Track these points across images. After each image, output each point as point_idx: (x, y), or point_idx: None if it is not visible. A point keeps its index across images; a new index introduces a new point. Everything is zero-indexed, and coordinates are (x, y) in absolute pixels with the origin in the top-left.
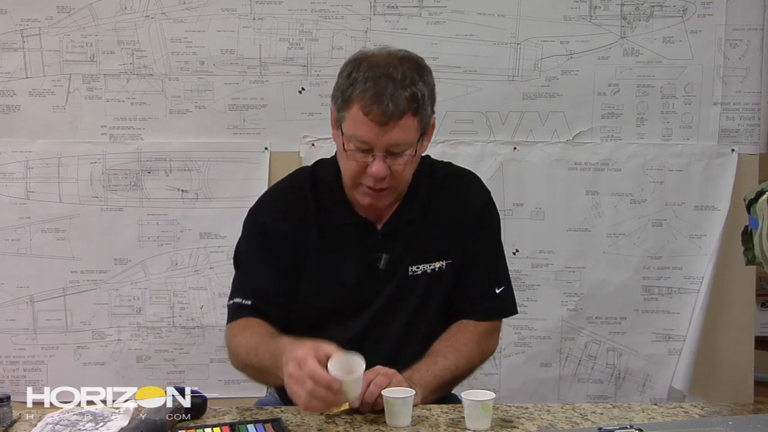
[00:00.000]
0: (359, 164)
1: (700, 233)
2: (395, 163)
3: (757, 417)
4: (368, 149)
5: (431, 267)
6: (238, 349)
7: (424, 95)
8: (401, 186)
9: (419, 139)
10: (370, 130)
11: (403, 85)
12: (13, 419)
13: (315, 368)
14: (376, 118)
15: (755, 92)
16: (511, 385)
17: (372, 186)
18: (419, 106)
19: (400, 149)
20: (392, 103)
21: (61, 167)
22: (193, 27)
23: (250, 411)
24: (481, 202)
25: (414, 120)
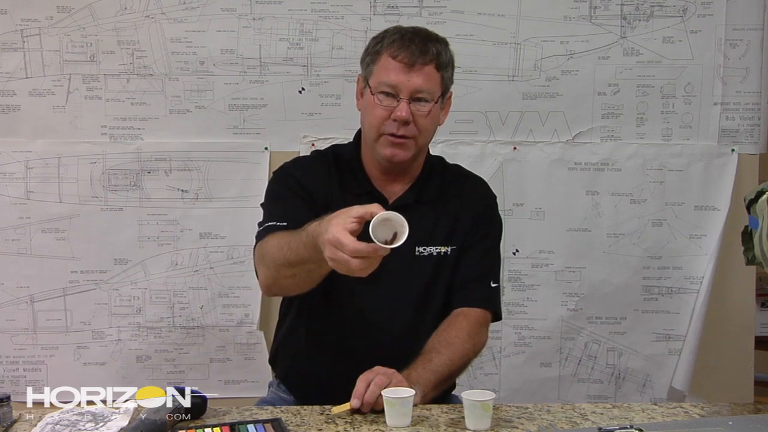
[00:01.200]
0: (385, 110)
1: (700, 233)
2: (418, 110)
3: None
4: (394, 94)
5: (437, 250)
6: (269, 251)
7: (446, 55)
8: (421, 139)
9: (440, 99)
10: (398, 72)
11: (429, 40)
12: (13, 419)
13: (354, 245)
14: (404, 60)
15: (755, 92)
16: (511, 385)
17: (395, 132)
18: (442, 62)
19: (423, 96)
20: (419, 49)
21: (61, 167)
22: (193, 27)
23: (250, 411)
24: (488, 200)
25: (437, 73)
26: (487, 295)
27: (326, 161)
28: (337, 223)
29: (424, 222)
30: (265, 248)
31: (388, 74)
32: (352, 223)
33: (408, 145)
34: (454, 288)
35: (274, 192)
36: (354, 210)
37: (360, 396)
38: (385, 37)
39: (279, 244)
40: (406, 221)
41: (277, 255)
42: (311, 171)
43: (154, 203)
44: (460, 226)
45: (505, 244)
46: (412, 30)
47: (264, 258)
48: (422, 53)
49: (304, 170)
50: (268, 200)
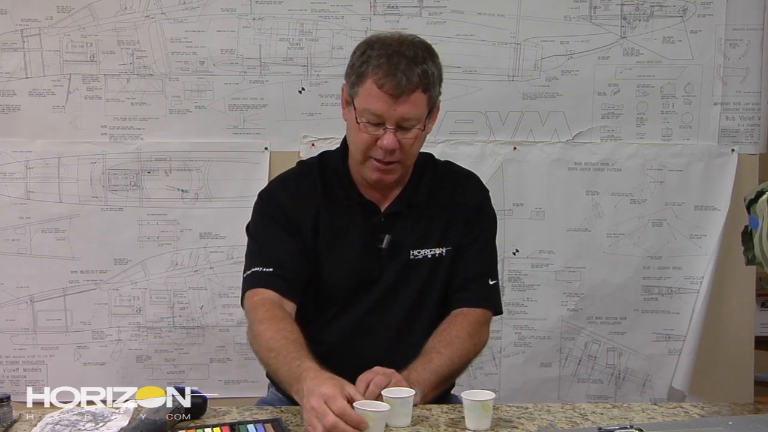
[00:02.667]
0: (370, 137)
1: (700, 233)
2: (405, 137)
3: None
4: (380, 122)
5: (432, 252)
6: (259, 339)
7: (434, 73)
8: (408, 161)
9: (427, 117)
10: (383, 102)
11: (415, 62)
12: (13, 419)
13: (344, 407)
14: (389, 91)
15: (755, 92)
16: (511, 385)
17: (381, 159)
18: (429, 84)
19: (410, 123)
20: (405, 78)
21: (61, 167)
22: (193, 27)
23: (250, 411)
24: (480, 197)
25: (424, 96)
26: (486, 294)
27: (313, 174)
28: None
29: (417, 226)
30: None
31: (373, 103)
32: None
33: (395, 170)
34: (452, 288)
35: (258, 225)
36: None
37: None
38: (371, 57)
39: (269, 344)
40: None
41: (264, 354)
42: (296, 191)
43: (154, 203)
44: (453, 225)
45: (505, 244)
46: (398, 48)
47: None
48: (408, 81)
49: (287, 193)
50: (252, 234)
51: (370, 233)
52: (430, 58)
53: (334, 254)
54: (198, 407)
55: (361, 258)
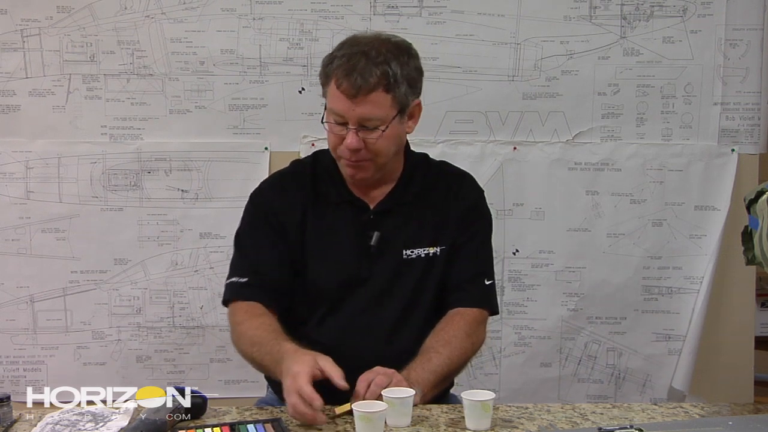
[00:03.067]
0: (337, 137)
1: (700, 233)
2: (368, 137)
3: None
4: (343, 122)
5: (425, 251)
6: (242, 338)
7: (396, 74)
8: (380, 159)
9: (397, 117)
10: (342, 102)
11: (375, 62)
12: (13, 419)
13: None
14: (346, 91)
15: (755, 92)
16: (511, 385)
17: (348, 158)
18: (391, 84)
19: (372, 123)
20: (361, 78)
21: (61, 167)
22: (193, 27)
23: (250, 411)
24: (474, 196)
25: (386, 96)
26: (482, 294)
27: (304, 172)
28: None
29: (409, 224)
30: (240, 330)
31: (335, 103)
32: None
33: (365, 167)
34: (448, 289)
35: (243, 231)
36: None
37: (360, 397)
38: (336, 58)
39: (252, 339)
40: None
41: (249, 349)
42: (285, 190)
43: (154, 203)
44: (447, 225)
45: (505, 244)
46: (364, 47)
47: (238, 337)
48: (365, 81)
49: (275, 192)
50: (235, 242)
51: (359, 231)
52: (395, 58)
53: (323, 252)
54: (198, 407)
55: (350, 256)
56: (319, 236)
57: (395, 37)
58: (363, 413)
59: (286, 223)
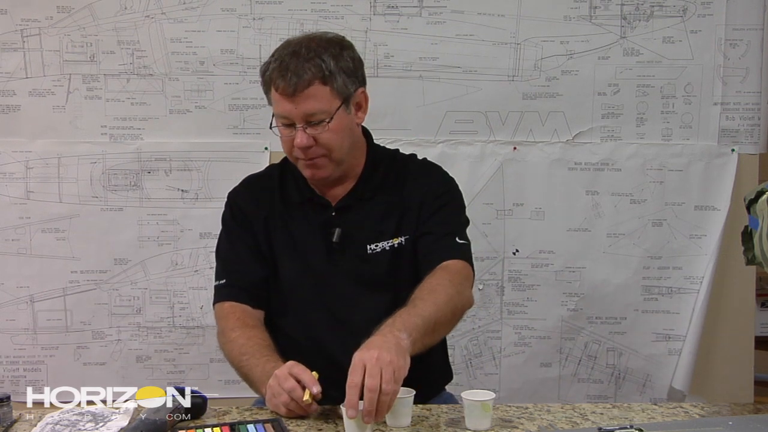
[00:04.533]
0: (289, 139)
1: (700, 233)
2: (317, 133)
3: (757, 417)
4: (290, 123)
5: (390, 244)
6: (233, 345)
7: (329, 66)
8: (334, 154)
9: (341, 108)
10: (284, 103)
11: (306, 59)
12: (13, 419)
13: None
14: (285, 91)
15: (755, 92)
16: (511, 385)
17: (303, 157)
18: (326, 76)
19: (317, 118)
20: (295, 76)
21: (61, 167)
22: (193, 27)
23: (250, 411)
24: (440, 183)
25: (324, 89)
26: (456, 248)
27: (273, 174)
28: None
29: (371, 219)
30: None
31: (278, 106)
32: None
33: (322, 164)
34: (421, 257)
35: (220, 238)
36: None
37: (354, 406)
38: (270, 64)
39: (242, 350)
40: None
41: (237, 358)
42: (255, 192)
43: (154, 203)
44: (409, 214)
45: (505, 244)
46: (295, 47)
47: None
48: (299, 78)
49: (245, 195)
50: (219, 240)
51: (322, 229)
52: (326, 51)
53: (290, 252)
54: (198, 407)
55: (315, 254)
56: (286, 236)
57: (328, 33)
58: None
59: (254, 223)
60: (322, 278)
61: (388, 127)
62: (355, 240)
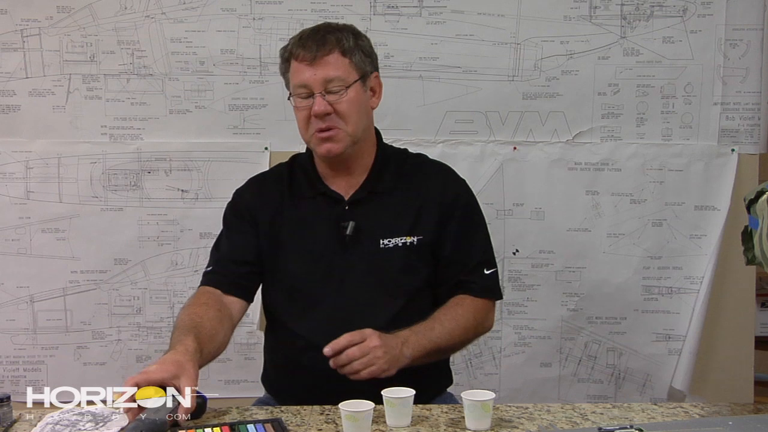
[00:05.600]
0: (306, 111)
1: (700, 233)
2: (335, 101)
3: (757, 417)
4: (309, 94)
5: (402, 241)
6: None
7: (349, 41)
8: (349, 126)
9: (358, 82)
10: (303, 71)
11: (328, 31)
12: (13, 419)
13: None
14: (305, 58)
15: (755, 92)
16: (511, 385)
17: (321, 127)
18: (346, 48)
19: (335, 85)
20: (315, 43)
21: (61, 167)
22: (193, 27)
23: (250, 411)
24: (456, 187)
25: (344, 59)
26: (485, 285)
27: (282, 172)
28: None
29: (385, 214)
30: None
31: (297, 75)
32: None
33: (338, 137)
34: (448, 284)
35: (220, 232)
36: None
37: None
38: (290, 45)
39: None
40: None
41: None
42: (263, 189)
43: (154, 203)
44: (425, 215)
45: (505, 244)
46: (313, 28)
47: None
48: (321, 45)
49: (253, 191)
50: (219, 234)
51: (334, 222)
52: (347, 30)
53: (299, 246)
54: (198, 407)
55: (326, 247)
56: (296, 230)
57: (345, 24)
58: (349, 413)
59: (258, 218)
60: (333, 273)
61: (388, 127)
62: (367, 234)
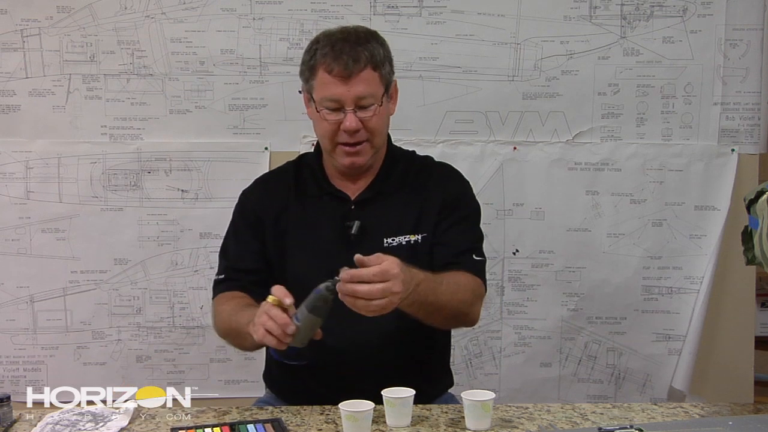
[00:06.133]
0: (333, 124)
1: (700, 233)
2: (365, 116)
3: (757, 417)
4: (338, 107)
5: (407, 239)
6: (221, 314)
7: (380, 53)
8: (376, 140)
9: (385, 95)
10: (336, 86)
11: (358, 44)
12: (13, 419)
13: (272, 309)
14: (340, 74)
15: (755, 92)
16: (511, 385)
17: (349, 141)
18: (377, 61)
19: (367, 101)
20: (351, 59)
21: (61, 167)
22: (193, 27)
23: (250, 411)
24: (458, 186)
25: (375, 74)
26: (473, 266)
27: (288, 171)
28: None
29: (389, 214)
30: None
31: (328, 89)
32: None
33: (364, 150)
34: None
35: (227, 233)
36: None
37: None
38: (317, 50)
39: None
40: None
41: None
42: (269, 188)
43: (154, 203)
44: (427, 213)
45: (505, 244)
46: (341, 35)
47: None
48: (355, 61)
49: (260, 191)
50: (226, 235)
51: (340, 222)
52: (374, 39)
53: (304, 246)
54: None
55: (332, 246)
56: (302, 230)
57: (360, 26)
58: (349, 413)
59: (265, 220)
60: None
61: None
62: (372, 233)
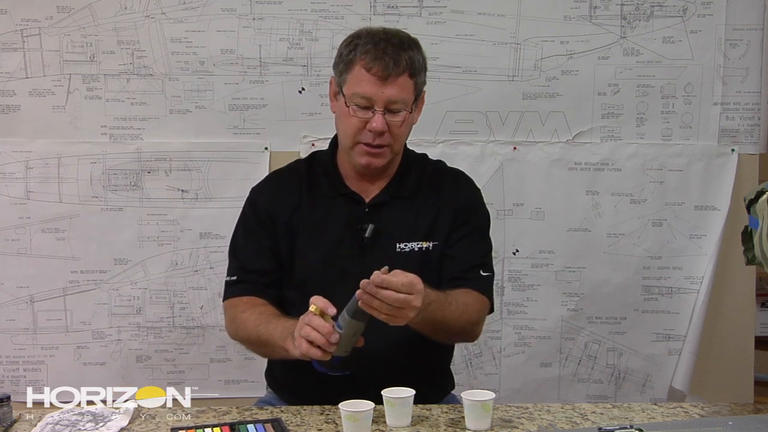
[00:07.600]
0: (360, 121)
1: (700, 233)
2: (392, 121)
3: (757, 417)
4: (368, 106)
5: (419, 246)
6: (245, 323)
7: (419, 61)
8: (396, 145)
9: (413, 103)
10: (372, 84)
11: (401, 48)
12: (13, 419)
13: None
14: (378, 73)
15: (755, 92)
16: (511, 385)
17: (371, 142)
18: (415, 69)
19: (398, 106)
20: (393, 61)
21: (61, 167)
22: (193, 27)
23: (250, 411)
24: (469, 194)
25: (410, 81)
26: (481, 284)
27: (301, 169)
28: None
29: (403, 218)
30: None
31: (362, 86)
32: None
33: (383, 154)
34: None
35: (236, 232)
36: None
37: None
38: (358, 45)
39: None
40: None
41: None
42: (278, 186)
43: (154, 203)
44: (441, 221)
45: (505, 244)
46: (384, 36)
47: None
48: (396, 64)
49: (271, 189)
50: (234, 234)
51: (353, 224)
52: (415, 47)
53: (314, 245)
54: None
55: (343, 248)
56: (313, 229)
57: (402, 30)
58: (349, 413)
59: (277, 219)
60: (348, 274)
61: None
62: (385, 237)
